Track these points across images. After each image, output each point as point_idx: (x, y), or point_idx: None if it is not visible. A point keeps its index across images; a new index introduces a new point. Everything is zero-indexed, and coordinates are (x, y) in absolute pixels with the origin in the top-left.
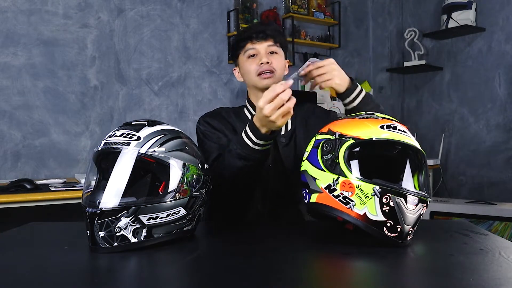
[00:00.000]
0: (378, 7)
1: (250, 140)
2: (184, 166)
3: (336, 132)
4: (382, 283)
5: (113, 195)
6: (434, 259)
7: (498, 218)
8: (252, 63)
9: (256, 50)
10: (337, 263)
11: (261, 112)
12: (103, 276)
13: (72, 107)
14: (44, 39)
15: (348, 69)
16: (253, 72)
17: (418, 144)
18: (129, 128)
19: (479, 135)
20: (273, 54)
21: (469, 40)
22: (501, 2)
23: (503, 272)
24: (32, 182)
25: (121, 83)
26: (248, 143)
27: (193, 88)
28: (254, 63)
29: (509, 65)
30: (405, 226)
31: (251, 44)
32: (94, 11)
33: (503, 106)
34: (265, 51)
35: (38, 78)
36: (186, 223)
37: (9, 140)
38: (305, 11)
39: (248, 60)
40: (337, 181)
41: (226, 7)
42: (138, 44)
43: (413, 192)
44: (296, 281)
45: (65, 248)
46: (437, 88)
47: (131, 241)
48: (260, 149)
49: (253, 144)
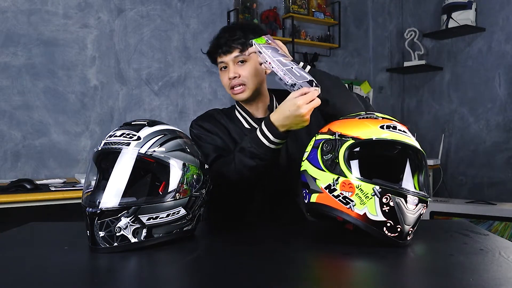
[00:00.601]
0: (378, 7)
1: (266, 139)
2: (184, 166)
3: (336, 132)
4: (382, 283)
5: (113, 195)
6: (434, 259)
7: (498, 218)
8: (224, 75)
9: (225, 63)
10: (337, 263)
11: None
12: (103, 276)
13: (72, 107)
14: (44, 39)
15: (348, 69)
16: (226, 86)
17: (418, 144)
18: (129, 128)
19: (479, 135)
20: (243, 63)
21: (469, 40)
22: (501, 2)
23: (503, 272)
24: (32, 182)
25: (121, 83)
26: (264, 142)
27: (193, 88)
28: (226, 75)
29: (509, 65)
30: (405, 226)
31: (219, 58)
32: (94, 11)
33: (503, 106)
34: (233, 62)
35: (38, 78)
36: (186, 223)
37: (9, 140)
38: (305, 11)
39: (221, 72)
40: (337, 181)
41: (226, 7)
42: (138, 44)
43: (413, 192)
44: (296, 281)
45: (65, 248)
46: (437, 88)
47: (131, 241)
48: (275, 147)
49: (269, 143)
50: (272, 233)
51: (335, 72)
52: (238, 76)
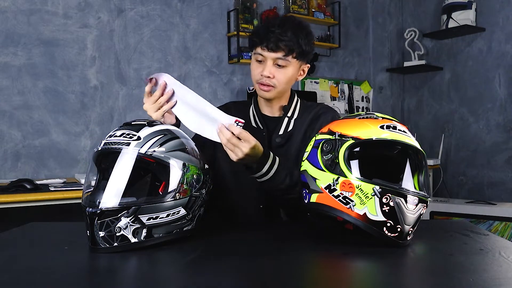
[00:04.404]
0: (378, 7)
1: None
2: (184, 166)
3: (336, 132)
4: (382, 283)
5: (113, 195)
6: (434, 259)
7: (498, 218)
8: (257, 67)
9: (263, 58)
10: (337, 263)
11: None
12: (103, 276)
13: (72, 107)
14: (44, 39)
15: (348, 69)
16: (255, 78)
17: (418, 144)
18: (129, 128)
19: (479, 135)
20: (280, 67)
21: (469, 40)
22: (501, 2)
23: (503, 272)
24: (32, 182)
25: (121, 83)
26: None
27: (193, 88)
28: (259, 68)
29: (509, 65)
30: (405, 226)
31: (260, 49)
32: (94, 11)
33: (503, 106)
34: (272, 62)
35: (38, 78)
36: (186, 223)
37: (9, 140)
38: (305, 11)
39: (254, 63)
40: (337, 181)
41: (226, 7)
42: (138, 44)
43: (413, 192)
44: (296, 281)
45: (65, 248)
46: (437, 88)
47: (131, 241)
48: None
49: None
50: (271, 233)
51: (335, 72)
52: (272, 77)
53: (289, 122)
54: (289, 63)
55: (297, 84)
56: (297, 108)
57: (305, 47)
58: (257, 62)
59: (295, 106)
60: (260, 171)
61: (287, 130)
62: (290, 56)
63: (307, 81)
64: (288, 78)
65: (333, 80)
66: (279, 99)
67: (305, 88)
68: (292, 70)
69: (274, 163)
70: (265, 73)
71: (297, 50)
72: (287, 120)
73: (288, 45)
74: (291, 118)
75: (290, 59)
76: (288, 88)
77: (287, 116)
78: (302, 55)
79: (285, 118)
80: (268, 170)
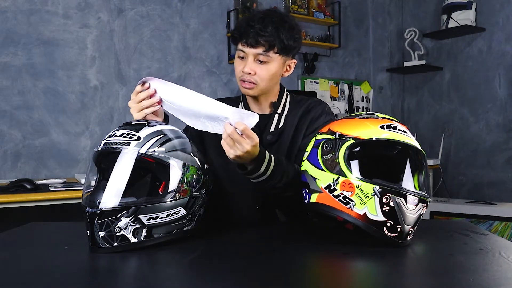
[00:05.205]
0: (378, 7)
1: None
2: (184, 166)
3: (336, 132)
4: (382, 283)
5: (113, 195)
6: (434, 259)
7: (498, 218)
8: (239, 64)
9: (244, 54)
10: (337, 263)
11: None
12: (103, 276)
13: (72, 107)
14: (44, 39)
15: (348, 69)
16: (237, 75)
17: (418, 144)
18: (129, 128)
19: (479, 135)
20: (262, 63)
21: (469, 40)
22: (501, 2)
23: (503, 272)
24: (32, 182)
25: (121, 83)
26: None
27: (193, 88)
28: (241, 65)
29: (509, 65)
30: (405, 226)
31: (241, 46)
32: (94, 11)
33: (503, 106)
34: (253, 58)
35: (38, 78)
36: (186, 223)
37: (9, 140)
38: (305, 11)
39: (237, 59)
40: (337, 181)
41: (226, 7)
42: (138, 44)
43: (413, 192)
44: (296, 281)
45: (65, 248)
46: (437, 88)
47: (131, 241)
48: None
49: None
50: (271, 233)
51: (335, 72)
52: (253, 74)
53: (280, 119)
54: (271, 59)
55: (297, 84)
56: (287, 104)
57: (288, 41)
58: (240, 59)
59: (285, 102)
60: (257, 171)
61: (278, 127)
62: (271, 51)
63: (307, 81)
64: (271, 74)
65: (333, 80)
66: (267, 96)
67: (305, 88)
68: (275, 66)
69: (270, 163)
70: (245, 69)
71: (278, 45)
72: (277, 117)
73: (268, 40)
74: (282, 114)
75: (272, 54)
76: (273, 84)
77: (277, 112)
78: (285, 50)
79: (275, 115)
80: (265, 170)
